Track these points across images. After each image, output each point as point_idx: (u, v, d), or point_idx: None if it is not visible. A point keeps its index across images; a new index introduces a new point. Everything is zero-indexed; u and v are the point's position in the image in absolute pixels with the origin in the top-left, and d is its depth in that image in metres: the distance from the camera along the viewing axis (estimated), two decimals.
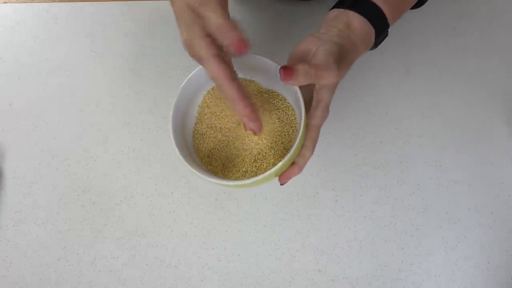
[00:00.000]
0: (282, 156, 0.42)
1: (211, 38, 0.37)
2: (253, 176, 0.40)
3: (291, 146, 0.42)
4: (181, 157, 0.40)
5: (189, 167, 0.40)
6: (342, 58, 0.40)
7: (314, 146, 0.42)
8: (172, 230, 0.55)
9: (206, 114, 0.46)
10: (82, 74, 0.63)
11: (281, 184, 0.42)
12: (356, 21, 0.42)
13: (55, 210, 0.56)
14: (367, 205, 0.55)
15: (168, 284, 0.53)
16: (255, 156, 0.44)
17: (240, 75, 0.41)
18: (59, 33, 0.66)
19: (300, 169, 0.42)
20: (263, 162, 0.43)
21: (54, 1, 0.68)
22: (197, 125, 0.46)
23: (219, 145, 0.45)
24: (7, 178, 0.58)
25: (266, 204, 0.56)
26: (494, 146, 0.57)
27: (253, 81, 0.46)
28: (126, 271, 0.54)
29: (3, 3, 0.68)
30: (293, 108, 0.45)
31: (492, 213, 0.54)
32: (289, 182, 0.56)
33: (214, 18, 0.36)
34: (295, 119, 0.44)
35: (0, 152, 0.59)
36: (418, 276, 0.52)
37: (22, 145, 0.60)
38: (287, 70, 0.37)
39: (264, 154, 0.43)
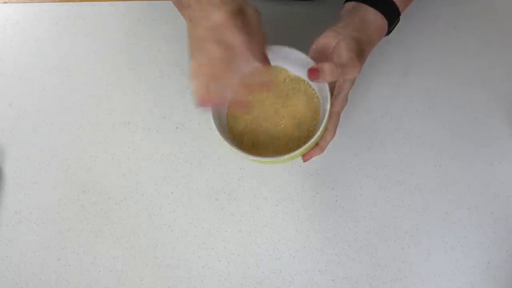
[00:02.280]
0: (307, 137, 0.48)
1: None
2: (282, 154, 0.44)
3: (314, 129, 0.48)
4: (221, 137, 0.45)
5: (230, 146, 0.45)
6: (361, 52, 0.44)
7: (335, 131, 0.47)
8: (172, 230, 0.55)
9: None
10: (82, 74, 0.63)
11: (304, 161, 0.48)
12: (371, 16, 0.46)
13: (55, 210, 0.56)
14: (367, 205, 0.55)
15: (168, 284, 0.53)
16: (282, 136, 0.49)
17: (272, 63, 0.45)
18: (59, 33, 0.66)
19: (322, 150, 0.47)
20: (289, 142, 0.48)
21: (54, 1, 0.68)
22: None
23: (250, 126, 0.49)
24: (7, 178, 0.58)
25: (266, 204, 0.56)
26: (494, 146, 0.57)
27: (284, 69, 0.51)
28: (126, 271, 0.54)
29: (3, 3, 0.68)
30: (317, 96, 0.49)
31: (492, 213, 0.54)
32: (289, 182, 0.56)
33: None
34: (318, 105, 0.49)
35: (0, 152, 0.59)
36: (418, 276, 0.52)
37: (22, 145, 0.60)
38: (313, 72, 0.42)
39: (290, 135, 0.49)
